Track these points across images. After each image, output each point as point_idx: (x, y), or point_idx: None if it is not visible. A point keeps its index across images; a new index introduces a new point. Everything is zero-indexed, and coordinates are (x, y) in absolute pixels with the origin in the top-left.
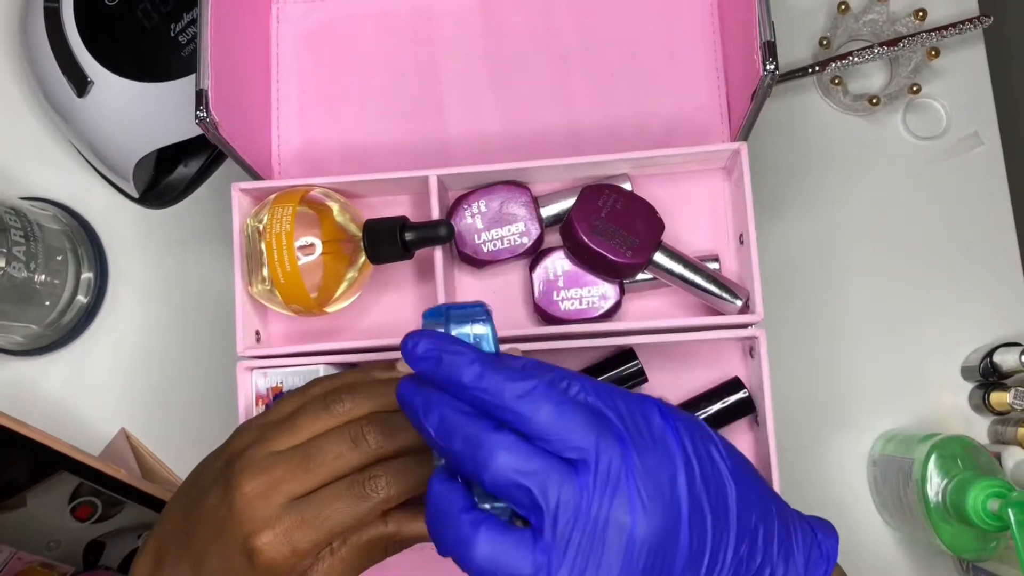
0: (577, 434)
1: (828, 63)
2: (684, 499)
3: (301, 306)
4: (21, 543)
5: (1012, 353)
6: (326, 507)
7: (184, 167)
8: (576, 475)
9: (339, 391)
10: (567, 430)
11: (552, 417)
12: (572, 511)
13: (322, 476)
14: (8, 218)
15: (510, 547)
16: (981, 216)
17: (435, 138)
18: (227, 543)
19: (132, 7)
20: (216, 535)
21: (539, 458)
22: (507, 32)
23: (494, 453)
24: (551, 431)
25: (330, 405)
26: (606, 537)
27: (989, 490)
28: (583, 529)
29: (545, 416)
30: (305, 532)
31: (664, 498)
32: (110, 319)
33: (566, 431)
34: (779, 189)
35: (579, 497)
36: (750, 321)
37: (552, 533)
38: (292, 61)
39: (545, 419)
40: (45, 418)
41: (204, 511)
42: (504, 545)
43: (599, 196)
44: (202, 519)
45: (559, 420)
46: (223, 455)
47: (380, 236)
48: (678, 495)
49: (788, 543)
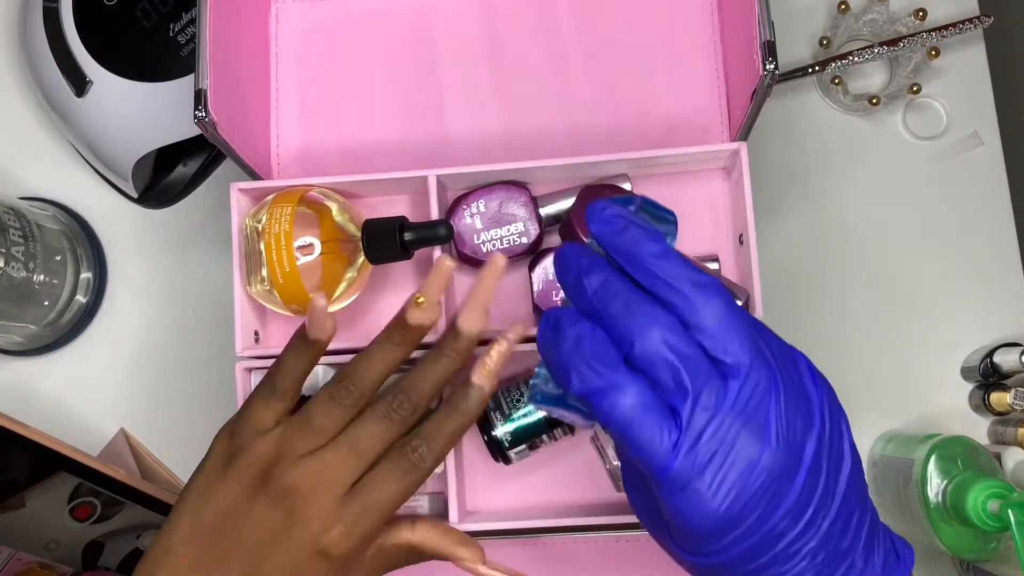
0: (737, 343)
1: (828, 63)
2: (810, 452)
3: (300, 306)
4: (20, 544)
5: (1012, 353)
6: (381, 488)
7: (183, 167)
8: (725, 379)
9: (340, 384)
10: (730, 334)
11: (720, 316)
12: (712, 409)
13: (369, 459)
14: (7, 218)
15: (654, 412)
16: (981, 216)
17: (434, 138)
18: (292, 550)
19: (131, 7)
20: (273, 547)
21: (696, 347)
22: (507, 32)
23: (654, 324)
24: (716, 329)
25: (338, 399)
26: (733, 449)
27: (989, 491)
28: (716, 431)
29: (714, 312)
30: (369, 517)
31: (794, 441)
32: (109, 319)
33: (728, 335)
34: (779, 189)
35: (722, 399)
36: None
37: (688, 420)
38: (291, 61)
39: (713, 315)
40: (44, 418)
41: (247, 530)
42: (649, 408)
43: (598, 196)
44: (243, 539)
45: (726, 321)
46: (245, 473)
47: (379, 236)
48: (806, 445)
49: (872, 539)
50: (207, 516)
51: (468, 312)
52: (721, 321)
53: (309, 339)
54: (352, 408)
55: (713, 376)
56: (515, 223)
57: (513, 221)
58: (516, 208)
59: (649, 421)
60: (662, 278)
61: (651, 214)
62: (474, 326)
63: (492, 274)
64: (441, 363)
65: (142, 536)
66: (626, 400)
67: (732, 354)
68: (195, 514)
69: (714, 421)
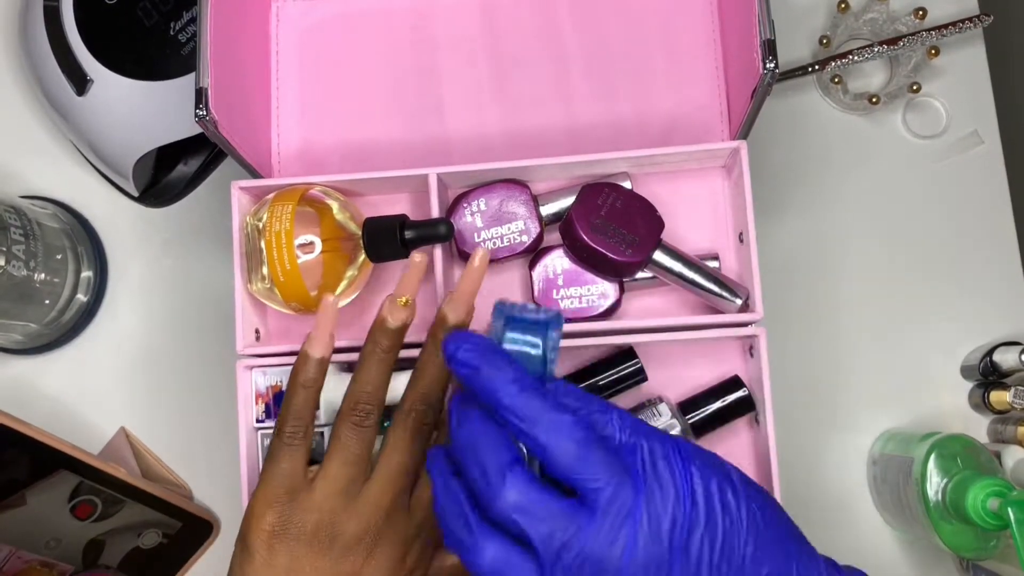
0: (593, 472)
1: (828, 62)
2: (678, 550)
3: (301, 304)
4: (21, 542)
5: (1012, 352)
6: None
7: (184, 165)
8: (579, 514)
9: (355, 410)
10: (585, 467)
11: (572, 454)
12: (570, 549)
13: (416, 473)
14: (8, 217)
15: (513, 566)
16: (981, 215)
17: (435, 136)
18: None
19: (132, 6)
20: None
21: (544, 502)
22: (507, 31)
23: (501, 486)
24: (569, 468)
25: (358, 423)
26: (599, 571)
27: (989, 489)
28: (578, 566)
29: (565, 452)
30: (431, 520)
31: (660, 547)
32: (110, 317)
33: (584, 468)
34: (779, 188)
35: (577, 537)
36: (750, 320)
37: (553, 566)
38: (292, 59)
39: (565, 455)
40: (45, 416)
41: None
42: (508, 563)
43: (599, 194)
44: None
45: (579, 459)
46: (302, 539)
47: (380, 234)
48: (674, 545)
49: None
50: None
51: (454, 302)
52: (573, 460)
53: (308, 373)
54: (375, 425)
55: (568, 519)
56: (515, 221)
57: (514, 219)
58: (517, 206)
59: (510, 574)
60: (516, 426)
61: (520, 326)
62: (458, 315)
63: (477, 267)
64: (439, 358)
65: (142, 534)
66: (486, 557)
67: (589, 484)
68: None
69: (573, 559)
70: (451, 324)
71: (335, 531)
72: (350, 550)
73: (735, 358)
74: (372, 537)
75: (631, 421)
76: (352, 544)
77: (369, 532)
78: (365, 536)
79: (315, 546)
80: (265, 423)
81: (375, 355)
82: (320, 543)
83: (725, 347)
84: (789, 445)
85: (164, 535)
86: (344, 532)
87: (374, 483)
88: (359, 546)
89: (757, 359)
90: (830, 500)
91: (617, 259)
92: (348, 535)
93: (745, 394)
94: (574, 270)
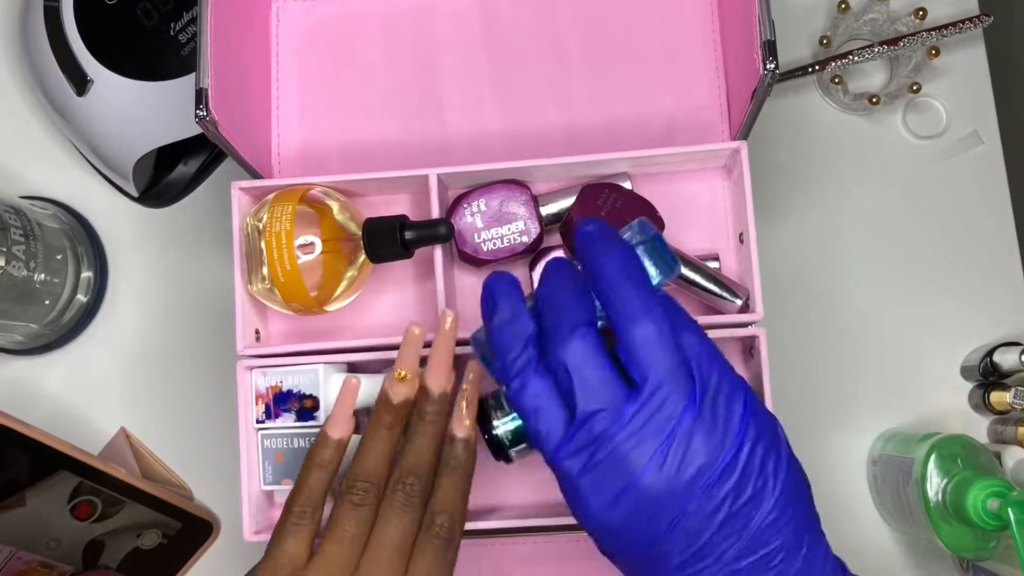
0: (655, 369)
1: (828, 62)
2: (700, 488)
3: (301, 305)
4: (20, 542)
5: (1012, 353)
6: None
7: (184, 166)
8: (626, 400)
9: (355, 487)
10: (653, 359)
11: (648, 340)
12: (601, 427)
13: (407, 552)
14: (8, 217)
15: (552, 410)
16: (981, 215)
17: (435, 137)
18: None
19: (132, 6)
20: None
21: (601, 368)
22: (507, 31)
23: (567, 343)
24: (638, 351)
25: (358, 502)
26: (615, 464)
27: (989, 490)
28: (599, 444)
29: (642, 335)
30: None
31: (684, 475)
32: (110, 318)
33: (651, 360)
34: (779, 188)
35: (611, 421)
36: (750, 320)
37: (575, 429)
38: (292, 60)
39: (640, 337)
40: (45, 417)
41: None
42: (547, 407)
43: (599, 195)
44: None
45: (651, 348)
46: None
47: (380, 235)
48: (697, 481)
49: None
50: None
51: (433, 373)
52: (644, 347)
53: (326, 453)
54: (374, 504)
55: (612, 396)
56: (516, 222)
57: (514, 220)
58: (517, 207)
59: (545, 417)
60: (609, 291)
61: (658, 252)
62: (440, 384)
63: (447, 331)
64: (428, 429)
65: (142, 535)
66: (530, 390)
67: (645, 378)
68: None
69: (600, 441)
70: (436, 395)
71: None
72: None
73: (735, 359)
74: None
75: (714, 349)
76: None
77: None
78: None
79: None
80: (265, 424)
81: (378, 432)
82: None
83: (725, 347)
84: None
85: (164, 535)
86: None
87: (367, 561)
88: None
89: (757, 359)
90: (830, 500)
91: None
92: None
93: None
94: None
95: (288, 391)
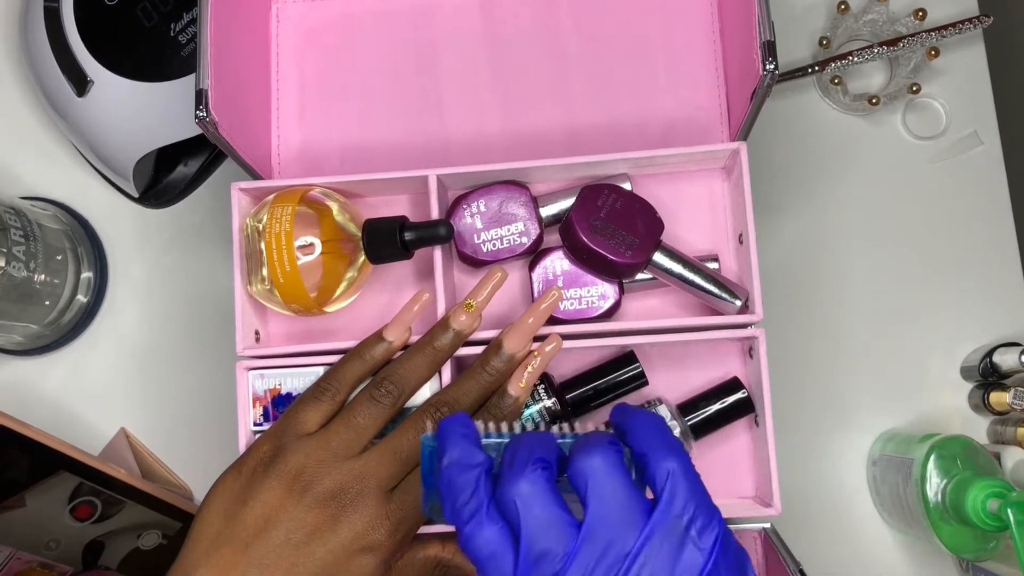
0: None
1: (828, 63)
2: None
3: (300, 306)
4: (20, 543)
5: (1012, 353)
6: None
7: (184, 166)
8: (574, 535)
9: (381, 385)
10: (611, 511)
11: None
12: (549, 562)
13: (411, 465)
14: (8, 217)
15: (500, 554)
16: (981, 216)
17: (434, 138)
18: (337, 549)
19: (132, 6)
20: (319, 546)
21: (550, 505)
22: (507, 32)
23: (520, 476)
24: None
25: (378, 397)
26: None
27: (988, 490)
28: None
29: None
30: (412, 516)
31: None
32: (110, 319)
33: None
34: (779, 189)
35: (559, 554)
36: (749, 321)
37: (524, 568)
38: (292, 61)
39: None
40: (45, 418)
41: (291, 530)
42: (498, 550)
43: (598, 196)
44: (288, 539)
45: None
46: (287, 475)
47: (380, 236)
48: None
49: None
50: (248, 517)
51: (515, 333)
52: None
53: (373, 350)
54: (392, 408)
55: (559, 530)
56: (515, 223)
57: (513, 221)
58: (516, 208)
59: (493, 566)
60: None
61: None
62: (517, 347)
63: (548, 305)
64: (482, 377)
65: (142, 535)
66: (483, 536)
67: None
68: (234, 514)
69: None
70: (507, 354)
71: (311, 480)
72: (318, 504)
73: (735, 359)
74: (344, 501)
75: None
76: (322, 499)
77: (342, 495)
78: (337, 497)
79: (290, 488)
80: (263, 426)
81: (424, 348)
82: (295, 487)
83: (725, 348)
84: (789, 446)
85: (164, 536)
86: (319, 485)
87: (369, 454)
88: (329, 504)
89: (757, 360)
90: (830, 500)
91: (617, 260)
92: (320, 489)
93: (745, 396)
94: (574, 271)
95: (287, 393)
